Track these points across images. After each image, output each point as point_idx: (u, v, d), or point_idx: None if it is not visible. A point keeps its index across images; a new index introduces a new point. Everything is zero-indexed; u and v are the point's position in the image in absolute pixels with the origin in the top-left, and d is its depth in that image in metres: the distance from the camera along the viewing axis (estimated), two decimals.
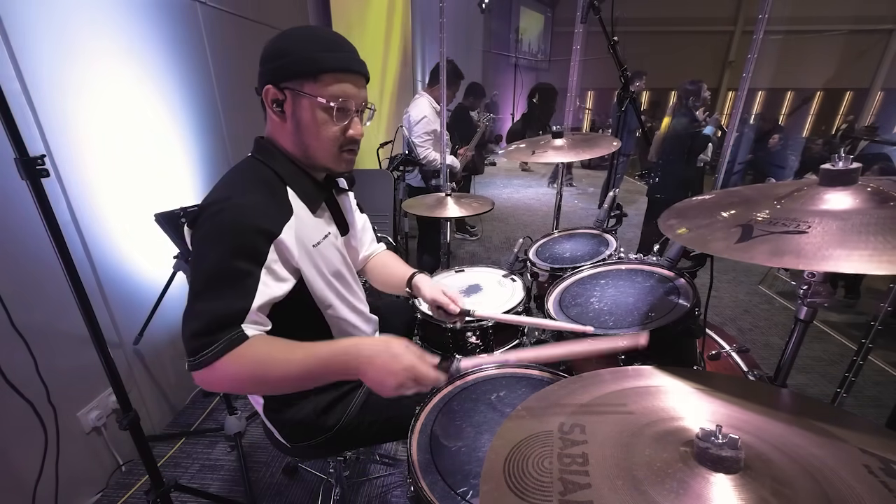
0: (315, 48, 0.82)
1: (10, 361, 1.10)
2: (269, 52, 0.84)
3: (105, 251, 1.57)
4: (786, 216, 0.66)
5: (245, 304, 0.74)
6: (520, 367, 1.10)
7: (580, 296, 1.24)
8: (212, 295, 0.73)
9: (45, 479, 1.16)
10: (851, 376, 1.55)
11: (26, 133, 0.91)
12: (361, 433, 1.06)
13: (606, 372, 0.74)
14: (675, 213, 0.82)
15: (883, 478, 0.49)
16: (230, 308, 0.73)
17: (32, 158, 0.87)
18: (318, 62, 0.81)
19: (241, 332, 0.72)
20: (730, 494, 0.49)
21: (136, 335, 1.69)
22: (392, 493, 1.60)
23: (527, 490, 0.52)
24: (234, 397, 2.02)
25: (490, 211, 1.91)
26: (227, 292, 0.74)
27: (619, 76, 1.84)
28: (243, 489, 1.60)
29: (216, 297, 0.73)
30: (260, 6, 2.40)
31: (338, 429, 1.03)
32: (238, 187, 0.85)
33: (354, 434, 1.06)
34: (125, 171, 1.64)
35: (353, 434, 1.05)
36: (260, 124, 0.95)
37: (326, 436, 1.02)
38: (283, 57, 0.82)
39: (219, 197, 0.80)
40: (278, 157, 0.90)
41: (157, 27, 1.75)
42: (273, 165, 0.89)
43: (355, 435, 1.06)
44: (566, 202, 4.67)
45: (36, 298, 1.34)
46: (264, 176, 0.88)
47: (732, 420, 0.61)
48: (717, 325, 1.45)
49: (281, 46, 0.82)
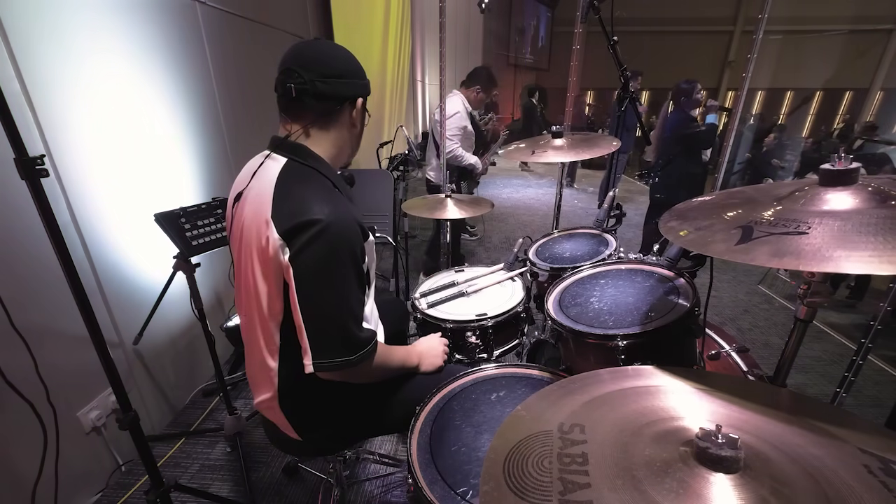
0: None
1: (9, 361, 1.10)
2: (349, 67, 0.96)
3: (105, 251, 1.57)
4: (786, 217, 0.66)
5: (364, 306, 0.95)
6: (520, 367, 1.11)
7: (580, 295, 1.24)
8: (358, 301, 0.91)
9: (44, 479, 1.16)
10: (851, 376, 1.55)
11: (26, 133, 0.91)
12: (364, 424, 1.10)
13: (606, 372, 0.74)
14: (675, 214, 0.82)
15: (882, 477, 0.49)
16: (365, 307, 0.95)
17: (32, 158, 0.86)
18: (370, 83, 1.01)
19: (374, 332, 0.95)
20: (729, 494, 0.49)
21: (135, 335, 1.69)
22: (392, 493, 1.60)
23: (526, 490, 0.52)
24: (234, 397, 2.03)
25: (490, 211, 1.91)
26: (357, 296, 0.91)
27: (618, 76, 1.84)
28: (243, 489, 1.60)
29: (360, 303, 0.92)
30: (260, 6, 2.40)
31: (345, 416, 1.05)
32: (322, 197, 0.87)
33: (358, 425, 1.09)
34: (125, 171, 1.64)
35: (358, 425, 1.09)
36: (259, 124, 0.95)
37: (334, 425, 1.05)
38: (363, 77, 0.99)
39: (318, 211, 0.84)
40: (322, 162, 0.96)
41: (157, 27, 1.75)
42: (322, 170, 0.94)
43: (359, 426, 1.09)
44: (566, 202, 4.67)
45: (36, 298, 1.34)
46: (323, 182, 0.93)
47: (732, 420, 0.61)
48: (716, 324, 1.45)
49: (356, 67, 0.97)
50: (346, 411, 1.05)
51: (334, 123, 0.97)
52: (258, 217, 0.87)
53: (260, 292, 0.91)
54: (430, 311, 1.41)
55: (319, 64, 0.91)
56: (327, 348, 0.88)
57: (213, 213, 1.62)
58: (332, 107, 0.94)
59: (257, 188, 0.91)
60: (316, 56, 0.92)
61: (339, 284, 0.86)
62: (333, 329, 0.88)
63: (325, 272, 0.85)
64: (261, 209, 0.87)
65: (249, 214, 0.91)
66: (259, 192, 0.90)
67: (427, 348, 1.17)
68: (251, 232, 0.89)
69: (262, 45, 2.41)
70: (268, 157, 0.95)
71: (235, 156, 2.19)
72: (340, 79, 0.93)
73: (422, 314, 1.41)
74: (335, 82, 0.92)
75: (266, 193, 0.88)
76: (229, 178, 2.25)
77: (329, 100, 0.93)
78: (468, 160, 2.95)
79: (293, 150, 0.94)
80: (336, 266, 0.85)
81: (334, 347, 0.88)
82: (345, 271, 0.87)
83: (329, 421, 1.05)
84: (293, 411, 1.01)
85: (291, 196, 0.87)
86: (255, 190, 0.92)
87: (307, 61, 0.90)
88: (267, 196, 0.87)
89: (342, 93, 0.94)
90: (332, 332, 0.88)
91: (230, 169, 2.18)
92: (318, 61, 0.91)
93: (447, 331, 1.35)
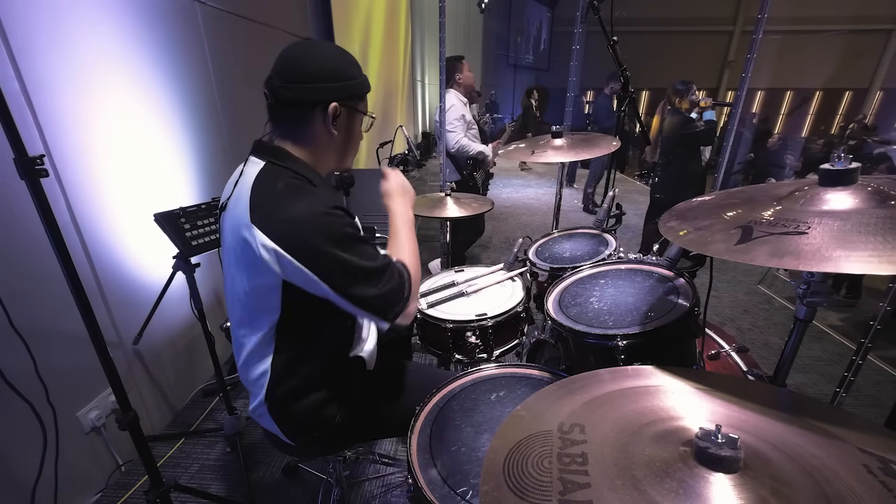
0: (358, 71, 0.95)
1: (9, 361, 1.10)
2: (322, 71, 0.89)
3: (104, 251, 1.57)
4: (786, 217, 0.66)
5: None
6: (519, 367, 1.11)
7: (580, 295, 1.24)
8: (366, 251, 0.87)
9: (44, 480, 1.16)
10: (851, 376, 1.55)
11: (25, 133, 0.91)
12: (362, 427, 1.08)
13: (606, 372, 0.74)
14: (675, 214, 0.82)
15: (882, 477, 0.49)
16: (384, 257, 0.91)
17: (31, 158, 0.87)
18: (365, 85, 0.96)
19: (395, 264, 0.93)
20: (729, 494, 0.49)
21: (135, 335, 1.69)
22: (392, 493, 1.60)
23: (526, 490, 0.52)
24: (234, 397, 2.03)
25: (490, 211, 1.91)
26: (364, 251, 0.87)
27: (618, 76, 1.84)
28: (243, 489, 1.60)
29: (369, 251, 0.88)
30: (259, 6, 2.40)
31: (338, 422, 1.03)
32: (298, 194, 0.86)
33: (355, 428, 1.07)
34: (125, 171, 1.64)
35: (354, 428, 1.07)
36: (259, 124, 0.95)
37: (328, 429, 1.03)
38: (345, 79, 0.92)
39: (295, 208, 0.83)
40: (299, 163, 0.93)
41: (157, 27, 1.75)
42: (299, 170, 0.92)
43: (356, 429, 1.07)
44: (566, 202, 4.67)
45: (35, 298, 1.34)
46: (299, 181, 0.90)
47: (732, 420, 0.61)
48: (716, 324, 1.45)
49: (334, 68, 0.91)
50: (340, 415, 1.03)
51: (307, 130, 0.92)
52: (240, 221, 0.86)
53: (247, 293, 0.90)
54: (429, 311, 1.42)
55: (288, 68, 0.89)
56: (379, 297, 0.86)
57: (213, 213, 1.62)
58: (298, 113, 0.91)
59: (238, 194, 0.91)
60: (287, 59, 0.89)
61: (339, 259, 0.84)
62: (366, 279, 0.86)
63: (319, 259, 0.83)
64: (242, 214, 0.86)
65: (233, 221, 0.90)
66: (239, 197, 0.89)
67: (397, 186, 1.09)
68: (236, 238, 0.89)
69: (261, 45, 2.41)
70: (246, 163, 0.94)
71: (235, 156, 2.19)
72: (305, 83, 0.88)
73: (422, 314, 1.41)
74: (299, 87, 0.88)
75: (244, 199, 0.87)
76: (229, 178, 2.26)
77: (292, 107, 0.90)
78: (475, 148, 2.88)
79: (270, 153, 0.93)
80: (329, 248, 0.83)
81: (382, 290, 0.86)
82: (344, 246, 0.84)
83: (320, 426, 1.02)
84: (285, 419, 1.00)
85: (268, 197, 0.86)
86: (235, 196, 0.91)
87: (279, 65, 0.89)
88: (245, 201, 0.87)
89: (308, 98, 0.89)
90: (369, 280, 0.86)
91: (230, 169, 2.13)
92: (286, 65, 0.89)
93: (447, 331, 1.35)
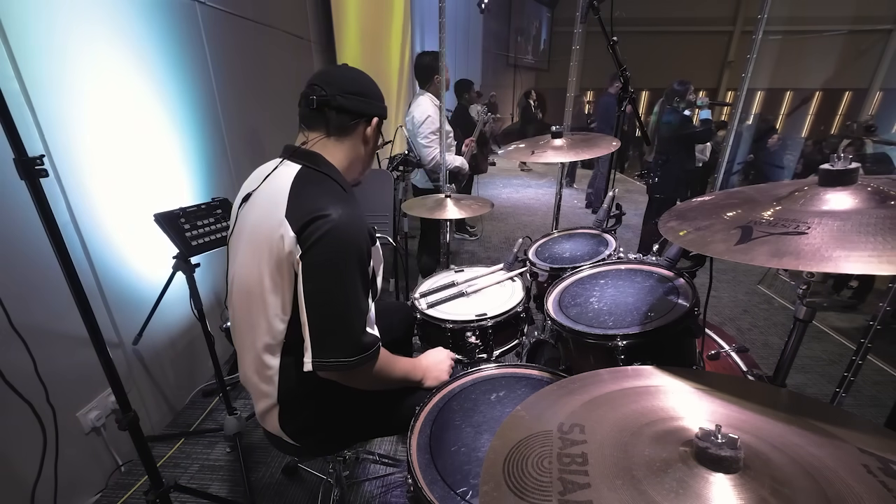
0: None
1: (8, 362, 1.10)
2: (369, 90, 1.04)
3: (104, 251, 1.57)
4: (785, 217, 0.66)
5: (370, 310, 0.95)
6: (519, 368, 1.11)
7: (580, 296, 1.24)
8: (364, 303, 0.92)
9: (43, 480, 1.16)
10: (850, 376, 1.55)
11: (25, 133, 0.91)
12: (363, 427, 1.10)
13: (606, 372, 0.74)
14: (675, 214, 0.82)
15: (882, 477, 0.49)
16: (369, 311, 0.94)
17: (31, 159, 0.86)
18: (386, 110, 1.09)
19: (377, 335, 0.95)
20: (729, 494, 0.49)
21: (135, 335, 1.69)
22: (392, 493, 1.60)
23: (526, 490, 0.52)
24: (234, 397, 2.03)
25: (489, 211, 1.91)
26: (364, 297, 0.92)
27: (618, 76, 1.84)
28: (243, 489, 1.60)
29: (366, 305, 0.92)
30: (259, 6, 2.39)
31: (341, 422, 1.06)
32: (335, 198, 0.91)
33: (356, 428, 1.09)
34: (124, 171, 1.64)
35: (355, 428, 1.09)
36: (259, 124, 0.95)
37: (331, 429, 1.06)
38: (381, 101, 1.07)
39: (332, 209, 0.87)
40: (334, 170, 1.00)
41: (157, 27, 1.74)
42: (334, 176, 0.99)
43: (357, 429, 1.10)
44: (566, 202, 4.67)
45: (35, 298, 1.34)
46: (336, 187, 0.98)
47: (731, 420, 0.61)
48: (716, 324, 1.45)
49: (375, 91, 1.05)
50: (343, 414, 1.05)
51: (349, 137, 1.02)
52: (272, 217, 0.90)
53: (265, 289, 0.92)
54: (429, 312, 1.42)
55: (342, 81, 1.00)
56: (329, 346, 0.88)
57: (213, 213, 1.62)
58: (348, 120, 1.00)
59: (269, 191, 0.95)
60: (340, 75, 1.02)
61: (347, 282, 0.88)
62: (338, 327, 0.89)
63: (334, 269, 0.87)
64: (275, 209, 0.90)
65: (261, 215, 0.93)
66: (272, 193, 0.93)
67: (433, 363, 1.14)
68: (261, 231, 0.92)
69: (261, 46, 2.41)
70: (281, 164, 0.98)
71: (235, 156, 2.19)
72: (359, 96, 1.01)
73: (421, 314, 1.41)
74: (354, 98, 1.00)
75: (281, 194, 0.91)
76: (229, 179, 2.26)
77: (346, 113, 0.99)
78: (452, 164, 2.85)
79: (307, 158, 0.98)
80: (346, 264, 0.88)
81: (336, 346, 0.88)
82: (353, 271, 0.88)
83: (324, 425, 1.05)
84: (290, 416, 1.01)
85: (306, 196, 0.91)
86: (266, 192, 0.96)
87: (331, 78, 0.99)
88: (282, 197, 0.91)
89: (360, 109, 1.01)
90: (336, 330, 0.89)
91: (230, 169, 2.18)
92: (341, 79, 1.00)
93: (447, 331, 1.35)
